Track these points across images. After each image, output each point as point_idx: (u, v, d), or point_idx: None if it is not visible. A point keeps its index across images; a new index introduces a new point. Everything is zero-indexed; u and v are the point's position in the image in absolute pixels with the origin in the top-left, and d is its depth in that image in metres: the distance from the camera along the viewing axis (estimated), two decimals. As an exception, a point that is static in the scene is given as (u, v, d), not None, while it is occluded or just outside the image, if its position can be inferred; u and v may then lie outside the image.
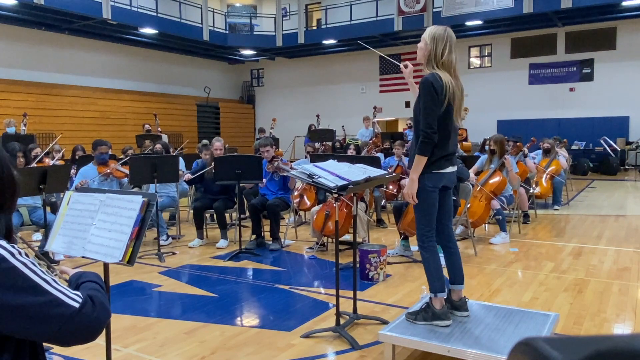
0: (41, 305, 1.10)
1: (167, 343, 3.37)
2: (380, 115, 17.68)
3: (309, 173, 3.31)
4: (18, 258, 1.12)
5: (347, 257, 5.31)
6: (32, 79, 15.21)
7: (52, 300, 1.12)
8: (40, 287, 1.12)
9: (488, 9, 14.85)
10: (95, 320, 1.16)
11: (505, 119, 17.21)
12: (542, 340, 0.51)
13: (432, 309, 3.09)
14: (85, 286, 1.32)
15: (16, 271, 1.10)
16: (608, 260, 5.28)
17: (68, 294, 1.15)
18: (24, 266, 1.12)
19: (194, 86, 20.64)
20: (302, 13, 18.82)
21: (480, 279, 4.69)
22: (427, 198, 3.10)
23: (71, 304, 1.14)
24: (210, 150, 6.49)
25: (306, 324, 3.66)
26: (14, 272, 1.10)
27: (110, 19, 14.53)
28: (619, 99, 15.68)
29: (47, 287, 1.13)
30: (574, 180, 12.30)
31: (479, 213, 5.93)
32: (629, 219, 7.75)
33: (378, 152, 8.62)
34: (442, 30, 3.08)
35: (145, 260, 5.59)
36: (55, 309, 1.11)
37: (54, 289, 1.13)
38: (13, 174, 1.26)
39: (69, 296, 1.15)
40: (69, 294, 1.15)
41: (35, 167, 5.73)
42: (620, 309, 3.87)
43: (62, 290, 1.15)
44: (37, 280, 1.12)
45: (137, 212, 2.00)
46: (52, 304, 1.11)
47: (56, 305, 1.12)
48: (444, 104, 2.99)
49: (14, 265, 1.10)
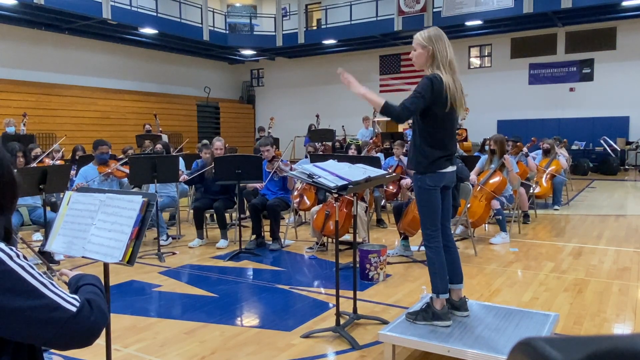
0: (38, 308, 1.09)
1: (167, 343, 3.37)
2: (380, 115, 17.65)
3: (309, 173, 3.31)
4: (16, 261, 1.11)
5: (347, 257, 5.31)
6: (32, 79, 15.21)
7: (49, 304, 1.11)
8: (37, 290, 1.11)
9: (488, 9, 14.85)
10: (92, 324, 1.15)
11: (505, 119, 17.21)
12: (542, 340, 0.51)
13: (432, 309, 3.09)
14: (84, 289, 1.31)
15: (13, 274, 1.09)
16: (608, 260, 5.28)
17: (66, 297, 1.14)
18: (22, 269, 1.11)
19: (194, 86, 20.64)
20: (302, 13, 18.83)
21: (480, 279, 4.69)
22: (430, 198, 3.10)
23: (68, 308, 1.13)
24: (210, 149, 6.49)
25: (306, 324, 3.66)
26: (11, 275, 1.09)
27: (110, 19, 14.53)
28: (619, 99, 15.68)
29: (44, 291, 1.12)
30: (574, 180, 12.29)
31: (479, 213, 5.93)
32: (629, 219, 7.75)
33: (378, 152, 8.61)
34: (436, 30, 3.08)
35: (145, 260, 5.59)
36: (52, 313, 1.10)
37: (51, 293, 1.12)
38: (14, 175, 1.26)
39: (66, 300, 1.14)
40: (67, 298, 1.14)
41: (35, 167, 5.72)
42: (620, 309, 3.87)
43: (59, 294, 1.14)
44: (35, 284, 1.11)
45: (137, 212, 2.00)
46: (49, 308, 1.10)
47: (53, 309, 1.11)
48: (445, 106, 2.99)
49: (12, 268, 1.10)
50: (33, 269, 1.14)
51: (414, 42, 3.09)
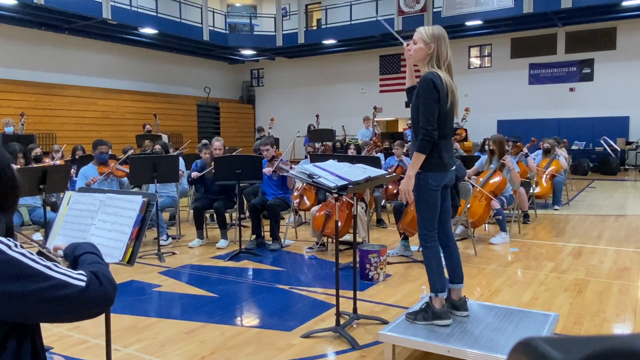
0: (48, 289, 1.12)
1: (167, 343, 3.37)
2: (380, 115, 17.68)
3: (309, 173, 3.31)
4: (15, 249, 1.13)
5: (347, 257, 5.31)
6: (32, 79, 15.21)
7: (58, 283, 1.14)
8: (43, 273, 1.13)
9: (488, 9, 14.86)
10: (103, 294, 1.19)
11: (505, 119, 17.22)
12: (542, 340, 0.51)
13: (432, 308, 3.09)
14: (84, 260, 1.33)
15: (16, 262, 1.11)
16: (608, 260, 5.28)
17: (72, 275, 1.17)
18: (23, 256, 1.13)
19: (194, 86, 20.64)
20: (302, 13, 18.82)
21: (480, 279, 4.69)
22: (430, 198, 3.09)
23: (77, 284, 1.16)
24: (210, 150, 6.49)
25: (306, 324, 3.66)
26: (14, 263, 1.11)
27: (110, 19, 14.53)
28: (619, 99, 15.68)
29: (50, 273, 1.14)
30: (574, 180, 12.29)
31: (479, 213, 5.93)
32: (629, 219, 7.75)
33: (378, 152, 8.61)
34: (440, 29, 3.08)
35: (145, 260, 5.59)
36: (62, 291, 1.13)
37: (57, 273, 1.15)
38: (15, 176, 1.26)
39: (73, 277, 1.17)
40: (73, 275, 1.17)
41: (35, 167, 5.72)
42: (620, 309, 3.87)
43: (65, 272, 1.17)
44: (39, 268, 1.14)
45: (137, 212, 2.00)
46: (58, 287, 1.13)
47: (62, 287, 1.14)
48: (446, 103, 3.00)
49: (13, 257, 1.11)
50: (34, 255, 1.16)
51: (416, 36, 3.07)
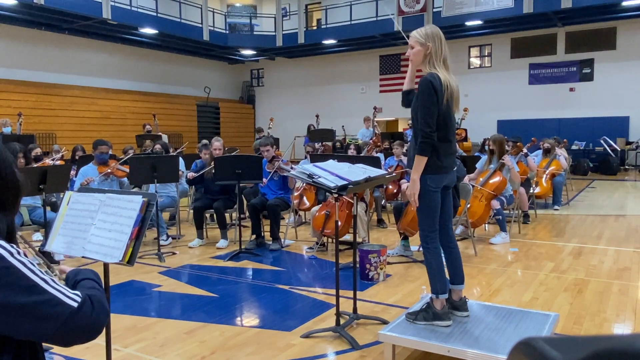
0: (39, 304, 1.09)
1: (167, 343, 3.37)
2: (380, 115, 17.68)
3: (309, 173, 3.31)
4: (16, 257, 1.11)
5: (347, 257, 5.31)
6: (32, 79, 15.21)
7: (51, 299, 1.11)
8: (38, 286, 1.11)
9: (488, 9, 14.86)
10: (94, 319, 1.15)
11: (505, 119, 17.21)
12: (542, 340, 0.51)
13: (432, 309, 3.09)
14: (83, 284, 1.31)
15: (14, 270, 1.09)
16: (608, 260, 5.28)
17: (67, 293, 1.14)
18: (23, 265, 1.11)
19: (194, 86, 20.64)
20: (302, 13, 18.82)
21: (480, 279, 4.69)
22: (431, 199, 3.08)
23: (70, 303, 1.13)
24: (209, 150, 6.49)
25: (306, 324, 3.66)
26: (12, 271, 1.09)
27: (110, 19, 14.53)
28: (619, 99, 15.68)
29: (45, 287, 1.12)
30: (574, 180, 12.29)
31: (479, 213, 5.93)
32: (629, 219, 7.75)
33: (378, 152, 8.61)
34: (435, 29, 3.08)
35: (145, 260, 5.59)
36: (53, 308, 1.10)
37: (52, 289, 1.13)
38: (17, 176, 1.26)
39: (67, 296, 1.14)
40: (68, 294, 1.14)
41: (35, 167, 5.72)
42: (620, 309, 3.87)
43: (60, 289, 1.14)
44: (36, 280, 1.11)
45: (137, 212, 2.00)
46: (50, 303, 1.10)
47: (55, 305, 1.11)
48: (446, 103, 2.99)
49: (13, 265, 1.10)
50: (34, 266, 1.14)
51: (411, 40, 3.08)
